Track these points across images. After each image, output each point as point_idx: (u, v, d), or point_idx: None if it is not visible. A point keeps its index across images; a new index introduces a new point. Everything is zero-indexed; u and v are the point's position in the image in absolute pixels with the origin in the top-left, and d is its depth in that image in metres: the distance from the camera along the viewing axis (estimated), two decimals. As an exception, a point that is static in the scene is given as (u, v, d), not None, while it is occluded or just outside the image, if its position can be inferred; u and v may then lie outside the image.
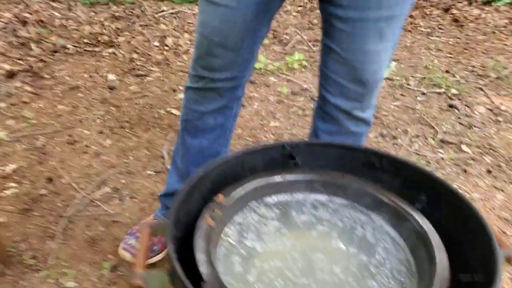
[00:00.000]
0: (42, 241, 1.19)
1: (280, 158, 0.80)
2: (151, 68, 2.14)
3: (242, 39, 0.88)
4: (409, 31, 2.86)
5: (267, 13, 0.89)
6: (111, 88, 1.96)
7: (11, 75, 1.95)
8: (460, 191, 0.65)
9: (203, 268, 0.55)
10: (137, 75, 2.08)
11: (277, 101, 1.93)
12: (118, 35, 2.44)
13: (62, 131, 1.66)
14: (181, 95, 1.84)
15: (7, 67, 1.99)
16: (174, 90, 1.98)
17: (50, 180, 1.40)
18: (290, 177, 0.77)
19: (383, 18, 0.81)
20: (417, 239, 0.65)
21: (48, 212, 1.28)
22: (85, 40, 2.34)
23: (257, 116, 1.83)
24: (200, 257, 0.57)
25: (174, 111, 1.82)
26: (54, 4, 2.72)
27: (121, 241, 1.16)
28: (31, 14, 2.49)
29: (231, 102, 1.01)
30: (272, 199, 0.76)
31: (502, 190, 1.49)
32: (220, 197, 0.70)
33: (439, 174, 1.54)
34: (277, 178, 0.76)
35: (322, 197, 0.77)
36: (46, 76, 2.01)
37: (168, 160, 1.50)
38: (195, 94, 0.98)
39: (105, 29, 2.46)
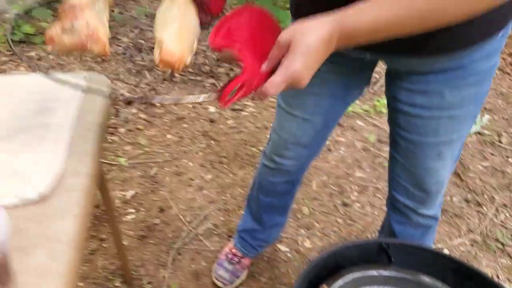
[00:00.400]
0: (156, 268, 1.42)
1: (376, 252, 0.93)
2: (246, 103, 2.33)
3: (314, 140, 1.06)
4: (507, 73, 2.76)
5: (337, 119, 1.06)
6: (212, 121, 2.19)
7: (129, 101, 2.26)
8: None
9: None
10: (234, 109, 2.29)
11: (363, 148, 2.03)
12: (218, 66, 2.67)
13: (171, 161, 1.91)
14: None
15: (127, 93, 2.30)
16: (266, 128, 2.16)
17: (161, 210, 1.64)
18: (384, 272, 0.89)
19: (442, 143, 0.90)
20: None
21: (160, 241, 1.51)
22: (190, 70, 2.60)
23: (343, 163, 1.94)
24: None
25: (266, 150, 2.00)
26: (164, 31, 3.03)
27: (212, 269, 1.39)
28: (145, 41, 2.81)
29: (300, 176, 1.21)
30: (367, 290, 0.89)
31: None
32: (324, 288, 0.85)
33: (523, 251, 1.55)
34: (373, 272, 0.89)
35: (411, 295, 0.88)
36: (157, 104, 2.28)
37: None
38: (269, 170, 1.17)
39: (207, 59, 2.71)
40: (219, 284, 1.35)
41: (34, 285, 0.49)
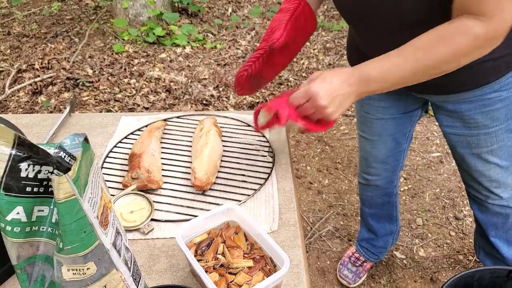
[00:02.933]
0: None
1: (506, 276, 1.07)
2: (358, 110, 2.48)
3: (387, 156, 1.26)
4: None
5: (406, 135, 1.22)
6: (325, 127, 2.37)
7: (251, 105, 2.53)
8: None
9: None
10: (346, 115, 2.45)
11: (475, 162, 2.08)
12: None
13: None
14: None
15: (249, 99, 2.57)
16: (378, 135, 2.29)
17: (287, 209, 1.89)
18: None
19: (485, 152, 1.05)
20: None
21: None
22: (303, 74, 2.80)
23: (455, 176, 2.03)
24: None
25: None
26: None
27: (337, 268, 1.62)
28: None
29: (391, 188, 1.40)
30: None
31: None
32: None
33: None
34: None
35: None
36: (275, 108, 2.52)
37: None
38: (363, 186, 1.42)
39: (319, 63, 2.88)
40: (343, 282, 1.57)
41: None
